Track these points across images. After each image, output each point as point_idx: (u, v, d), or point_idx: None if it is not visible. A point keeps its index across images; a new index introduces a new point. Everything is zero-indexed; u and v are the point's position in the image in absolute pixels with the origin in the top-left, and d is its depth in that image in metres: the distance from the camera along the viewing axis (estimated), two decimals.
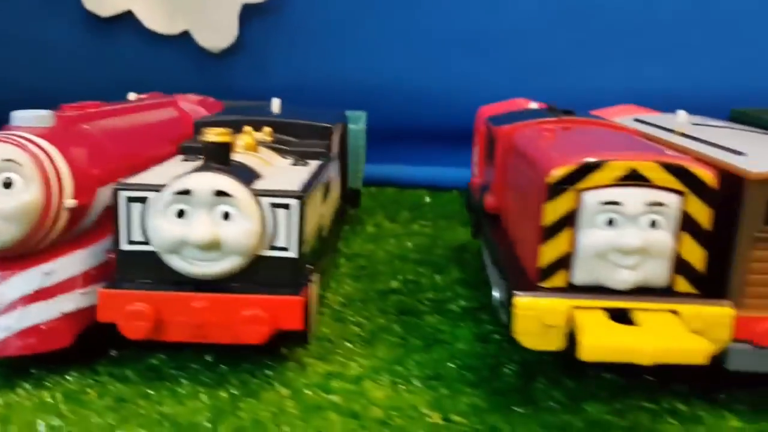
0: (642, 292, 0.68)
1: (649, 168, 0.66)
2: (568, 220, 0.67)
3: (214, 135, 0.70)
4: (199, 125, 0.94)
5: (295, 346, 0.80)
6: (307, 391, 0.71)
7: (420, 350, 0.82)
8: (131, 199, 0.70)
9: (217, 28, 1.75)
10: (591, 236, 0.67)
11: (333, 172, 0.97)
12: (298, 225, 0.70)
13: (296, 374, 0.75)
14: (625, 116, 1.18)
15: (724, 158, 0.71)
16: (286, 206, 0.70)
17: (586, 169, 0.66)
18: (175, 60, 1.78)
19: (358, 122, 1.30)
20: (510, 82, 1.72)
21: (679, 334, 0.62)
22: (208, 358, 0.77)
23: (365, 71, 1.76)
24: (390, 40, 1.77)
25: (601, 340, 0.61)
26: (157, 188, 0.69)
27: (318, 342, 0.83)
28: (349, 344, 0.83)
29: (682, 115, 1.05)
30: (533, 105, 1.15)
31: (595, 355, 0.61)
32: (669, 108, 1.60)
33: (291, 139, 0.93)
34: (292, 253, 0.70)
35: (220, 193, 0.67)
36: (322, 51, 1.77)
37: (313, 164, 0.86)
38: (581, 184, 0.67)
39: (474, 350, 0.82)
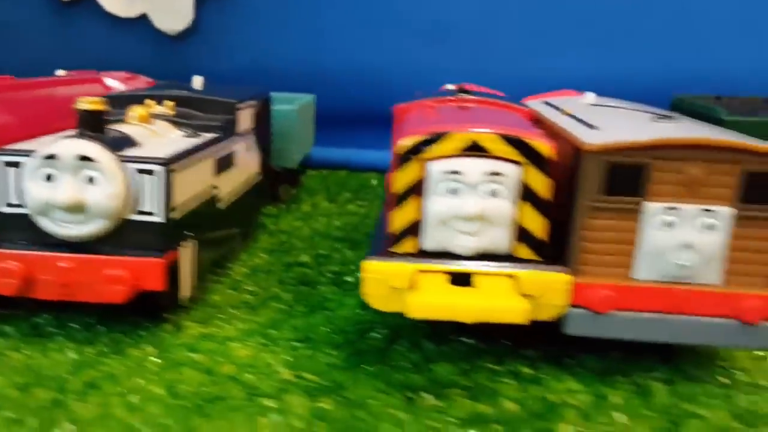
0: (484, 258, 0.71)
1: (488, 139, 0.69)
2: (416, 189, 0.70)
3: (86, 104, 0.73)
4: (109, 99, 0.97)
5: (177, 311, 0.83)
6: (173, 351, 0.75)
7: (301, 316, 0.85)
8: (8, 164, 0.74)
9: (173, 11, 1.78)
10: (435, 204, 0.70)
11: (240, 147, 1.01)
12: (164, 191, 0.73)
13: (171, 336, 0.79)
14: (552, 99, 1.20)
15: (576, 132, 0.74)
16: (150, 172, 0.73)
17: (430, 141, 0.70)
18: (134, 42, 1.82)
19: (291, 103, 1.33)
20: (465, 68, 1.74)
21: (503, 296, 0.65)
22: (90, 320, 0.81)
23: (320, 55, 1.79)
24: (346, 24, 1.80)
25: (426, 299, 0.64)
26: (28, 153, 0.73)
27: (203, 307, 0.86)
28: (234, 310, 0.86)
29: (589, 96, 1.08)
30: (449, 87, 1.18)
31: (421, 312, 0.65)
32: (619, 93, 1.63)
33: (197, 113, 0.96)
34: (158, 218, 0.74)
35: (84, 158, 0.71)
36: (278, 34, 1.80)
37: (207, 137, 0.89)
38: (426, 155, 0.70)
39: (353, 316, 0.85)
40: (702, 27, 1.73)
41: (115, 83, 1.14)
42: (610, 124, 0.77)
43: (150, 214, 0.74)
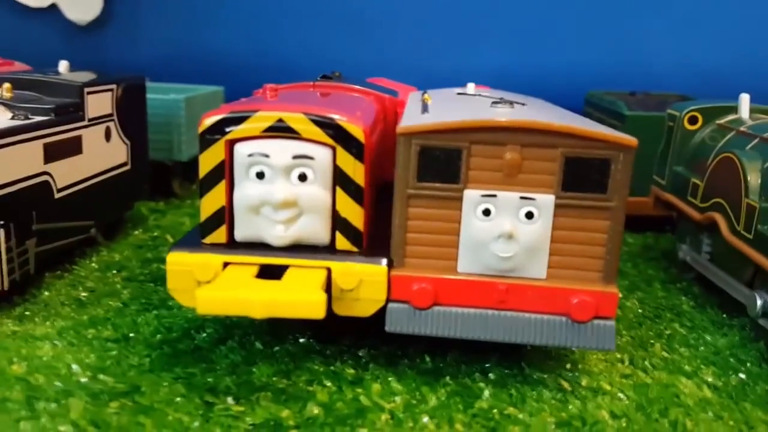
0: (300, 249, 0.65)
1: (296, 120, 0.63)
2: (222, 173, 0.65)
3: None
4: None
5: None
6: None
7: (131, 314, 0.79)
8: None
9: (82, 1, 1.72)
10: (243, 190, 0.64)
11: (91, 133, 0.94)
12: None
13: None
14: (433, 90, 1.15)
15: (411, 117, 0.69)
16: None
17: (235, 120, 0.64)
18: (46, 33, 1.76)
19: (178, 93, 1.27)
20: (381, 60, 1.70)
21: (300, 290, 0.59)
22: None
23: (234, 46, 1.74)
24: (260, 15, 1.75)
25: (214, 293, 0.58)
26: None
27: (28, 304, 0.80)
28: (61, 307, 0.81)
29: (469, 87, 1.03)
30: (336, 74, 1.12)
31: (209, 308, 0.59)
32: (539, 88, 1.58)
33: (38, 96, 0.90)
34: None
35: None
36: (190, 24, 1.75)
37: (37, 120, 0.83)
38: (231, 135, 0.64)
39: (187, 315, 0.79)
40: (627, 23, 1.69)
41: None
42: (445, 109, 0.72)
43: None
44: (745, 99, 1.03)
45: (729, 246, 0.84)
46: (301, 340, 0.73)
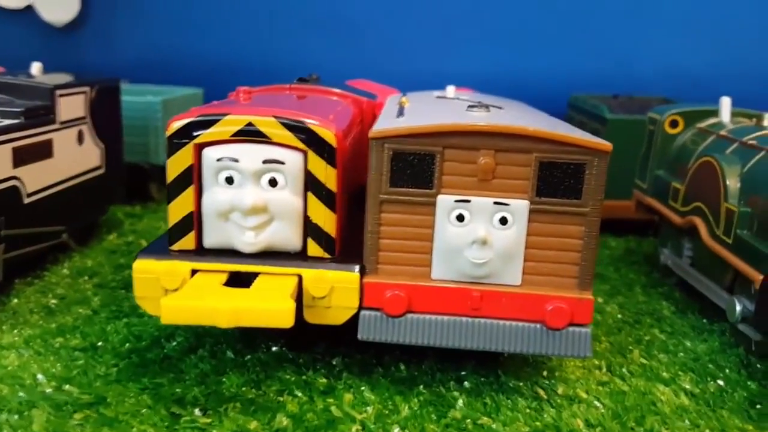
0: (270, 255, 0.64)
1: (266, 123, 0.62)
2: (191, 178, 0.63)
3: None
4: None
5: None
6: None
7: (100, 323, 0.77)
8: None
9: (59, 3, 1.70)
10: (212, 195, 0.63)
11: (63, 137, 0.92)
12: None
13: None
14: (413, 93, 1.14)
15: (385, 121, 0.67)
16: None
17: (204, 124, 0.62)
18: (22, 34, 1.74)
19: (156, 96, 1.26)
20: (363, 64, 1.69)
21: (268, 298, 0.58)
22: None
23: (213, 48, 1.73)
24: (237, 18, 1.73)
25: (179, 302, 0.57)
26: None
27: None
28: (30, 315, 0.79)
29: (449, 90, 1.02)
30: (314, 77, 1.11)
31: (174, 318, 0.57)
32: (522, 92, 1.57)
33: (11, 99, 0.88)
34: None
35: None
36: (169, 26, 1.73)
37: (6, 123, 0.81)
38: (199, 139, 0.62)
39: (157, 323, 0.77)
40: (611, 25, 1.69)
41: None
42: (421, 112, 0.71)
43: None
44: (725, 102, 1.03)
45: (709, 251, 0.83)
46: (274, 349, 0.71)
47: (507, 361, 0.70)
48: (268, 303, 0.56)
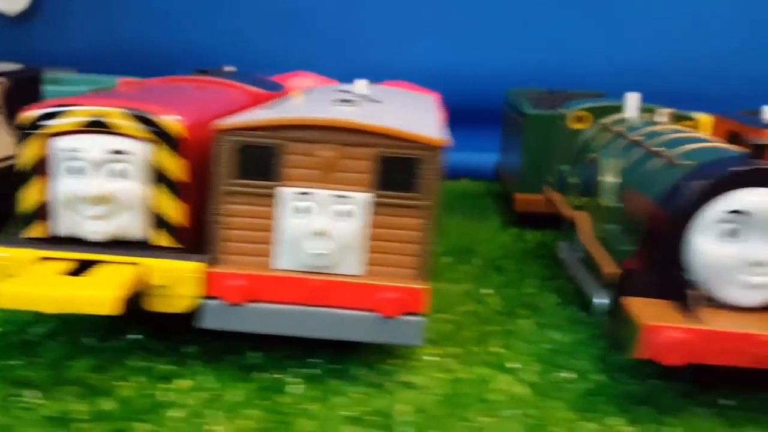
0: (116, 244, 0.65)
1: (112, 115, 0.64)
2: (41, 168, 0.65)
3: None
4: None
5: None
6: None
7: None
8: None
9: None
10: (59, 185, 0.65)
11: None
12: None
13: None
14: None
15: (242, 114, 0.69)
16: None
17: (52, 115, 0.64)
18: None
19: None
20: (309, 55, 1.71)
21: (97, 285, 0.60)
22: None
23: (164, 38, 1.74)
24: (192, 8, 1.75)
25: (12, 288, 0.59)
26: None
27: None
28: None
29: (359, 84, 1.03)
30: (229, 69, 1.13)
31: (8, 303, 0.59)
32: (461, 86, 1.59)
33: None
34: None
35: None
36: (120, 15, 1.75)
37: None
38: (48, 130, 0.64)
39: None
40: (557, 21, 1.70)
41: None
42: (290, 106, 0.73)
43: None
44: (631, 98, 1.04)
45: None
46: (131, 337, 0.72)
47: (359, 348, 0.72)
48: (93, 290, 0.58)
